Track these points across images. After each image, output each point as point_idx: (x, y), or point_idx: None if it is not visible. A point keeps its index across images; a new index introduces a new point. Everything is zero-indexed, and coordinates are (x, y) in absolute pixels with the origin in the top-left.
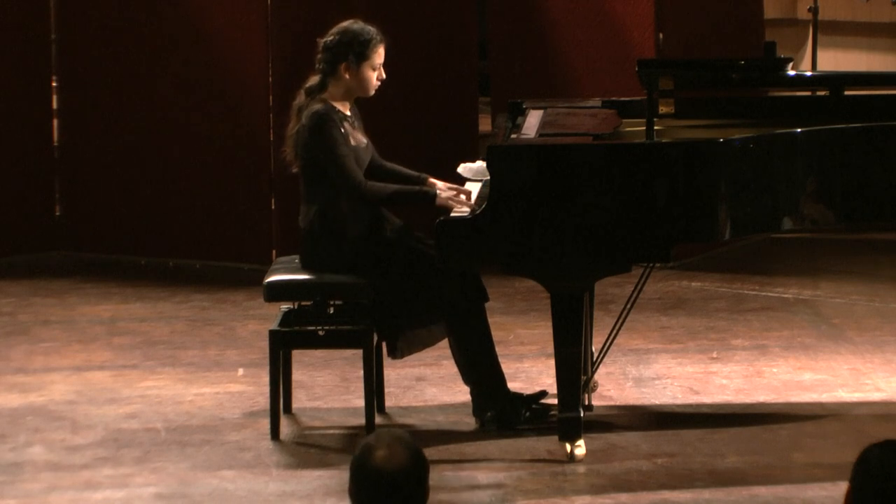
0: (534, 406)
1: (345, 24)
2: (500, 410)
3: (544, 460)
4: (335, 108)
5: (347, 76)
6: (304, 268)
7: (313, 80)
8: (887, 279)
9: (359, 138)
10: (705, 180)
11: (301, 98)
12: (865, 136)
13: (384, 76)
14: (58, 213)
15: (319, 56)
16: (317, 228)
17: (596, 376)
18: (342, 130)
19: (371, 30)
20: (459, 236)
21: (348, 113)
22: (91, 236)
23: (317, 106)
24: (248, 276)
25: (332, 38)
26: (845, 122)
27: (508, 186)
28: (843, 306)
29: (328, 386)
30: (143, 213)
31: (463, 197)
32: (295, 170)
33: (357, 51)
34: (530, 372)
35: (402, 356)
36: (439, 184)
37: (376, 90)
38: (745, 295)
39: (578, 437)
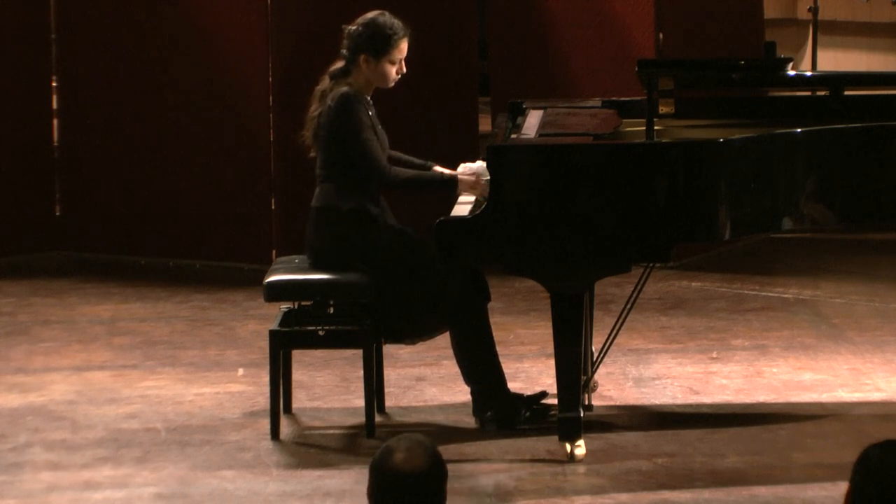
0: (534, 406)
1: (371, 14)
2: (500, 410)
3: (544, 460)
4: (362, 92)
5: (366, 67)
6: (311, 250)
7: (337, 64)
8: (887, 279)
9: (379, 126)
10: (705, 180)
11: (325, 82)
12: (865, 136)
13: (405, 70)
14: (58, 213)
15: (343, 43)
16: (331, 206)
17: (596, 376)
18: (369, 114)
19: (395, 24)
20: (459, 236)
21: (370, 101)
22: (91, 236)
23: (344, 88)
24: (248, 276)
25: (355, 28)
26: (845, 122)
27: (508, 186)
28: (843, 306)
29: (328, 386)
30: (143, 213)
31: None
32: (312, 154)
33: (376, 46)
34: (530, 372)
35: (395, 343)
36: (446, 171)
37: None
38: (745, 295)
39: (578, 437)
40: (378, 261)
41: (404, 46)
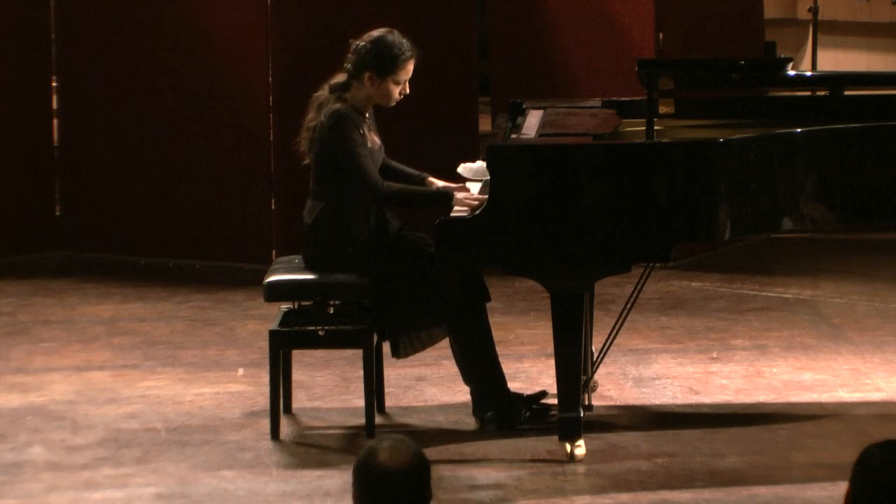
0: (534, 406)
1: (381, 32)
2: (500, 410)
3: (544, 460)
4: (356, 108)
5: (369, 85)
6: (306, 264)
7: (339, 77)
8: (887, 279)
9: (374, 140)
10: (705, 180)
11: (324, 92)
12: (865, 136)
13: (408, 91)
14: (58, 213)
15: (349, 56)
16: (322, 225)
17: (596, 376)
18: (361, 132)
19: (404, 45)
20: (459, 236)
21: (367, 115)
22: (91, 236)
23: (338, 105)
24: (248, 276)
25: (363, 44)
26: (845, 122)
27: (508, 186)
28: (843, 306)
29: (328, 386)
30: (143, 213)
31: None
32: (306, 161)
33: (383, 64)
34: (530, 372)
35: (404, 356)
36: (439, 183)
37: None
38: (745, 295)
39: (578, 437)
40: (376, 271)
41: (410, 68)
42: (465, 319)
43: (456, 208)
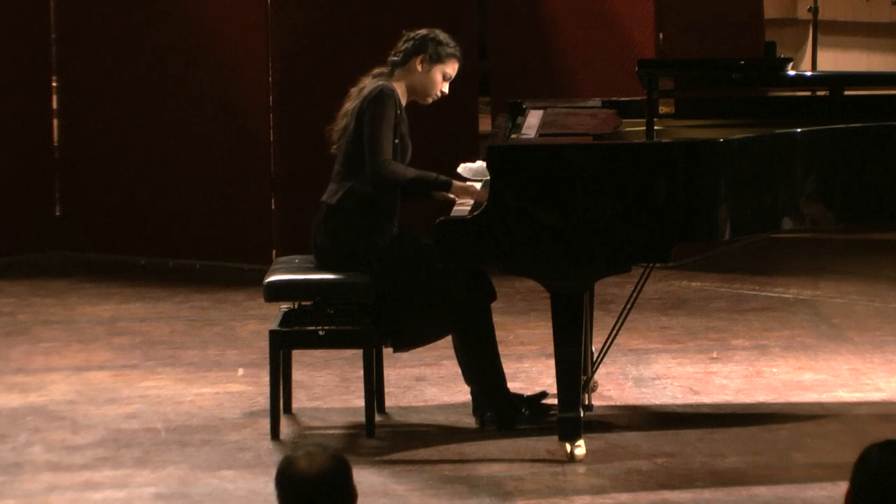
0: (534, 406)
1: (431, 28)
2: (499, 410)
3: (544, 460)
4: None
5: (420, 69)
6: (319, 249)
7: (382, 68)
8: (887, 279)
9: (405, 132)
10: (705, 180)
11: (365, 81)
12: (865, 136)
13: (446, 92)
14: (58, 213)
15: (400, 44)
16: (348, 206)
17: (596, 376)
18: (398, 112)
19: (455, 44)
20: (459, 236)
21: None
22: (91, 236)
23: (384, 82)
24: (248, 276)
25: (419, 32)
26: (845, 122)
27: (508, 186)
28: (843, 306)
29: (328, 386)
30: (143, 213)
31: (474, 189)
32: (334, 149)
33: (437, 51)
34: (530, 372)
35: (406, 349)
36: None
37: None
38: (745, 295)
39: (578, 437)
40: (382, 265)
41: (456, 66)
42: (469, 320)
43: (458, 200)
